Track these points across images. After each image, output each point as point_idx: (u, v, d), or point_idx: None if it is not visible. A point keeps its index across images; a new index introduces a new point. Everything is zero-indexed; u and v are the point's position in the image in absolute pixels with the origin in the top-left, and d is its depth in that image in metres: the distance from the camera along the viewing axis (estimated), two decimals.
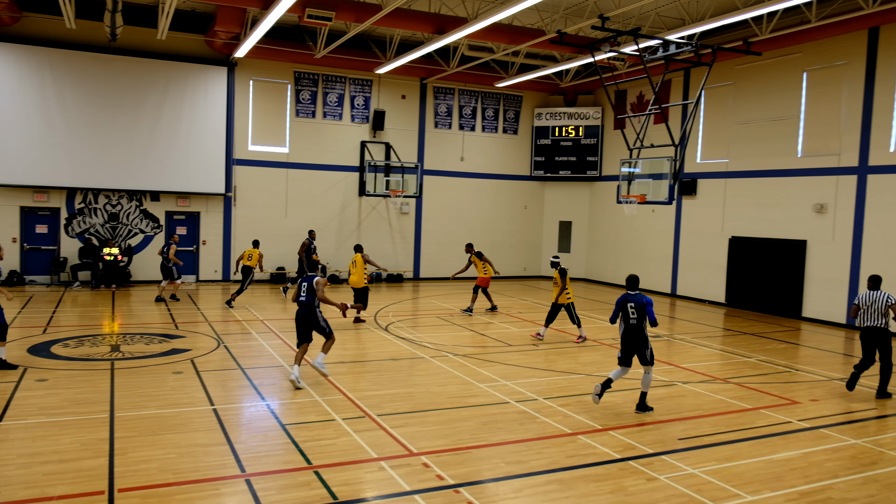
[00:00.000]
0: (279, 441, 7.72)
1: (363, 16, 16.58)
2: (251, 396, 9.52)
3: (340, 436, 7.95)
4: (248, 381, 10.30)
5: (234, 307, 17.24)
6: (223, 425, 8.16)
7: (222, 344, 12.83)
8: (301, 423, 8.33)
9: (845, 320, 17.08)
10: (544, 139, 26.36)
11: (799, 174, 18.31)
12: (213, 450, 7.37)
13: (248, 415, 8.75)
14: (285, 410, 8.91)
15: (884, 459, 7.75)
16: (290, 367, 10.81)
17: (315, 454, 7.32)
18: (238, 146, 22.02)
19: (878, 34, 16.43)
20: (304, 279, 10.32)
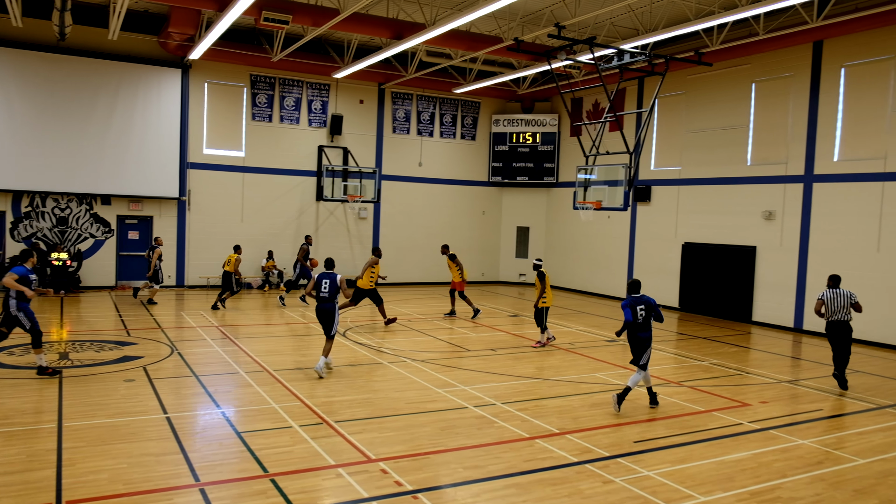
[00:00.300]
0: (234, 449, 7.60)
1: (320, 20, 16.49)
2: (206, 404, 9.35)
3: (297, 443, 7.87)
4: (202, 388, 10.12)
5: (224, 308, 17.75)
6: (176, 434, 8.00)
7: (176, 351, 12.58)
8: (257, 431, 8.22)
9: (793, 324, 17.57)
10: (502, 145, 26.56)
11: (748, 182, 18.80)
12: (165, 459, 7.22)
13: (202, 423, 8.59)
14: (241, 418, 8.78)
15: (829, 459, 7.98)
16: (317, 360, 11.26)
17: (271, 462, 7.23)
18: (193, 150, 21.65)
19: (822, 48, 16.99)
20: (326, 276, 11.24)
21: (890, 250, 15.50)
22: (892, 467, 7.77)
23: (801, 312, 17.33)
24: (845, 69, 16.55)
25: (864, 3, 15.40)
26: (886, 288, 15.47)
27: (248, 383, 10.50)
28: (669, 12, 17.21)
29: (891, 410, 10.27)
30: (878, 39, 15.78)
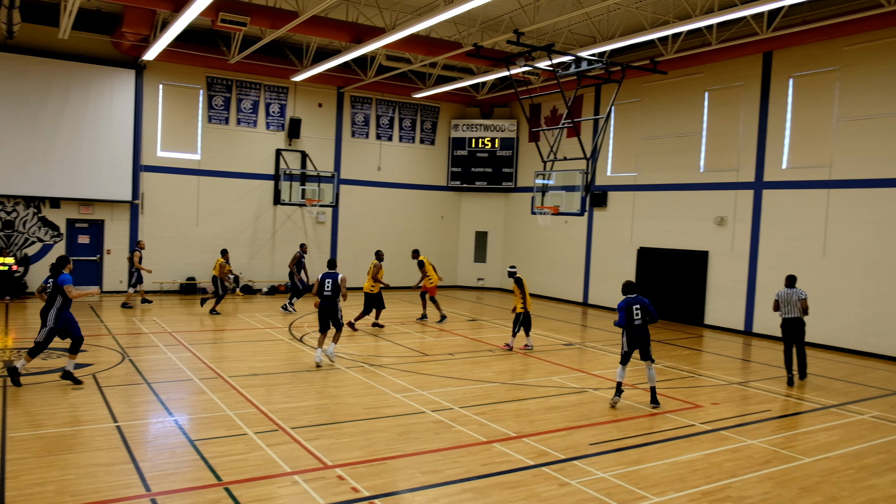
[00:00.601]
0: (187, 458, 7.47)
1: (279, 22, 16.34)
2: (158, 412, 9.17)
3: (252, 450, 7.76)
4: (154, 395, 9.92)
5: (220, 313, 17.85)
6: (127, 443, 7.83)
7: (127, 357, 12.30)
8: (211, 439, 8.09)
9: (743, 327, 17.99)
10: (461, 150, 26.66)
11: (701, 188, 19.21)
12: (115, 469, 7.05)
13: (153, 431, 8.42)
14: (194, 425, 8.63)
15: (777, 458, 8.19)
16: (314, 350, 12.30)
17: (225, 470, 7.12)
18: (146, 152, 21.23)
19: (772, 58, 17.48)
20: (328, 276, 12.28)
21: (835, 255, 15.99)
22: (835, 465, 8.01)
23: (752, 316, 17.76)
24: (793, 80, 17.05)
25: (811, 16, 15.90)
26: (831, 292, 15.95)
27: (202, 390, 10.33)
28: (626, 21, 17.51)
29: (835, 410, 10.59)
30: (824, 52, 16.30)
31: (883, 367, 14.20)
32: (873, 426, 9.79)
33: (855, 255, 15.64)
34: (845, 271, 15.80)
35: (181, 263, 21.54)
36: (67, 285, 10.02)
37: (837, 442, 8.94)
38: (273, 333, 15.41)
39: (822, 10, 15.80)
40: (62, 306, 10.08)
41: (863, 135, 15.62)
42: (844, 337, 15.81)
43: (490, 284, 27.18)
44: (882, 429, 9.67)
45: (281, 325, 16.47)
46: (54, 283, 10.07)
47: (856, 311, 15.61)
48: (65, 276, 10.14)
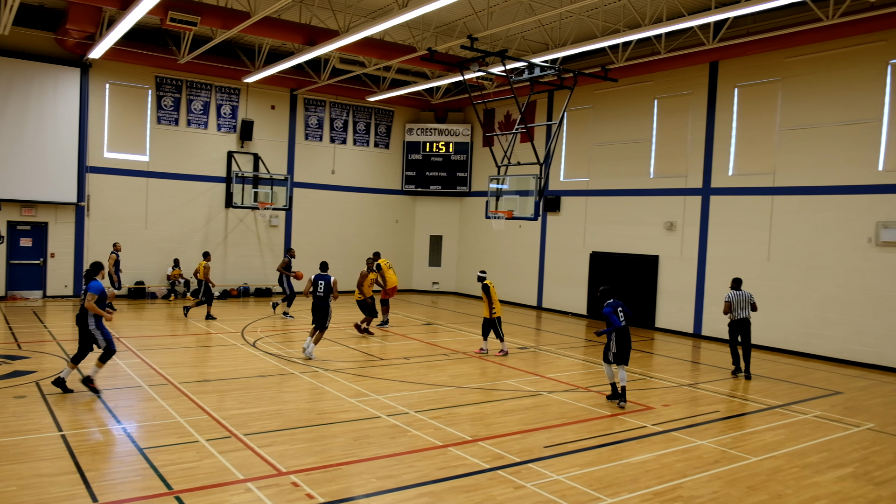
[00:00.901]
0: (136, 466, 7.28)
1: (230, 22, 16.10)
2: (105, 420, 8.92)
3: (204, 458, 7.62)
4: (101, 403, 9.65)
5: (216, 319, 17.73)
6: (72, 452, 7.60)
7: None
8: (161, 447, 7.91)
9: (692, 330, 18.40)
10: (415, 154, 26.67)
11: (651, 194, 19.61)
12: (60, 479, 6.84)
13: (101, 440, 8.19)
14: (143, 433, 8.43)
15: (725, 458, 8.40)
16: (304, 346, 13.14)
17: (176, 478, 6.97)
18: (93, 153, 20.67)
19: (718, 68, 17.96)
20: (321, 278, 13.42)
21: (779, 260, 16.50)
22: (780, 464, 8.26)
23: (700, 319, 18.18)
24: (738, 89, 17.55)
25: (755, 28, 16.41)
26: (776, 296, 16.44)
27: (152, 397, 10.09)
28: (578, 28, 17.79)
29: (780, 410, 10.92)
30: (767, 63, 16.82)
31: (824, 368, 14.70)
32: (816, 425, 10.12)
33: (797, 260, 16.16)
34: (788, 275, 16.31)
35: (129, 267, 21.01)
36: (90, 293, 9.88)
37: (782, 441, 9.21)
38: (225, 338, 15.15)
39: (765, 23, 16.32)
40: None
41: (803, 143, 16.16)
42: (788, 339, 16.31)
43: (445, 288, 27.23)
44: (824, 428, 10.00)
45: (233, 330, 16.20)
46: (85, 291, 9.98)
47: (798, 314, 16.12)
48: (94, 283, 9.98)
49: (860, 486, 7.67)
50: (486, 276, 14.83)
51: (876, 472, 8.15)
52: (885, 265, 14.63)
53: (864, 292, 14.96)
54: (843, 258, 15.32)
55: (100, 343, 10.06)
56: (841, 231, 15.38)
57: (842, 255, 15.34)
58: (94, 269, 10.25)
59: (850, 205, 15.24)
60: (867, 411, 11.08)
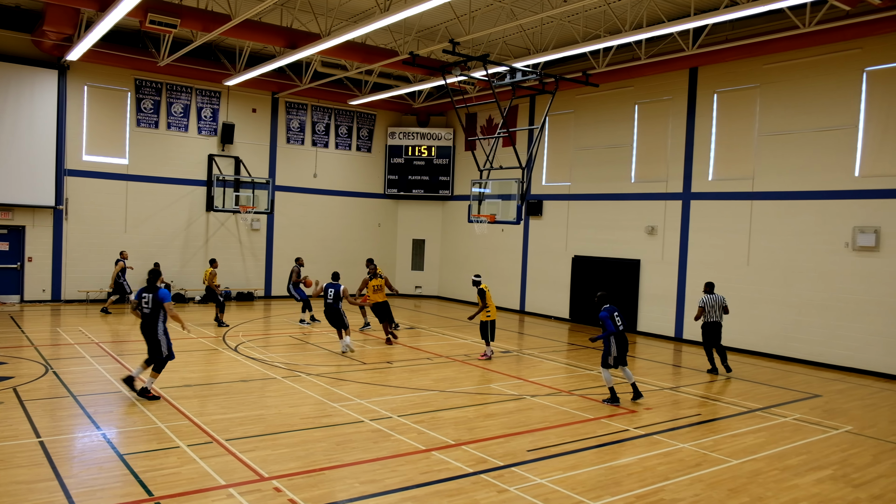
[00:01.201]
0: (116, 472, 7.20)
1: (211, 25, 15.98)
2: (84, 426, 8.81)
3: (185, 463, 7.55)
4: (80, 409, 9.53)
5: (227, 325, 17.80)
6: (51, 459, 7.49)
7: (51, 370, 11.79)
8: (141, 452, 7.82)
9: (674, 333, 18.53)
10: (398, 158, 26.65)
11: (632, 198, 19.74)
12: (38, 486, 6.74)
13: (80, 446, 8.08)
14: (124, 439, 8.33)
15: (707, 461, 8.47)
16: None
17: (157, 484, 6.90)
18: (71, 156, 20.43)
19: (698, 74, 18.14)
20: (331, 286, 14.48)
21: (758, 264, 16.67)
22: (761, 467, 8.34)
23: (682, 322, 18.32)
24: (717, 95, 17.73)
25: (733, 35, 16.61)
26: (755, 299, 16.62)
27: (132, 402, 9.98)
28: (559, 34, 17.89)
29: (760, 413, 11.03)
30: (746, 69, 17.02)
31: (803, 372, 14.87)
32: (795, 428, 10.23)
33: (776, 264, 16.34)
34: (768, 279, 16.49)
35: (109, 271, 20.76)
36: (168, 302, 10.09)
37: (762, 444, 9.30)
38: (207, 343, 15.03)
39: (744, 30, 16.51)
40: (165, 320, 10.16)
41: (781, 149, 16.36)
42: (768, 342, 16.47)
43: (428, 292, 27.22)
44: (803, 430, 10.11)
45: (215, 335, 16.08)
46: (154, 298, 10.06)
47: (778, 317, 16.30)
48: (164, 291, 10.16)
49: (839, 488, 7.76)
50: (481, 280, 14.92)
51: (854, 474, 8.25)
52: (861, 269, 14.84)
53: (841, 296, 15.16)
54: (820, 262, 15.52)
55: (163, 350, 10.17)
56: (819, 236, 15.58)
57: (820, 259, 15.54)
58: (156, 276, 10.34)
59: (828, 210, 15.45)
60: (845, 414, 11.22)
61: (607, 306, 11.13)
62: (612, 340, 11.01)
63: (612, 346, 11.02)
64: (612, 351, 11.02)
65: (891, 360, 14.34)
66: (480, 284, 14.70)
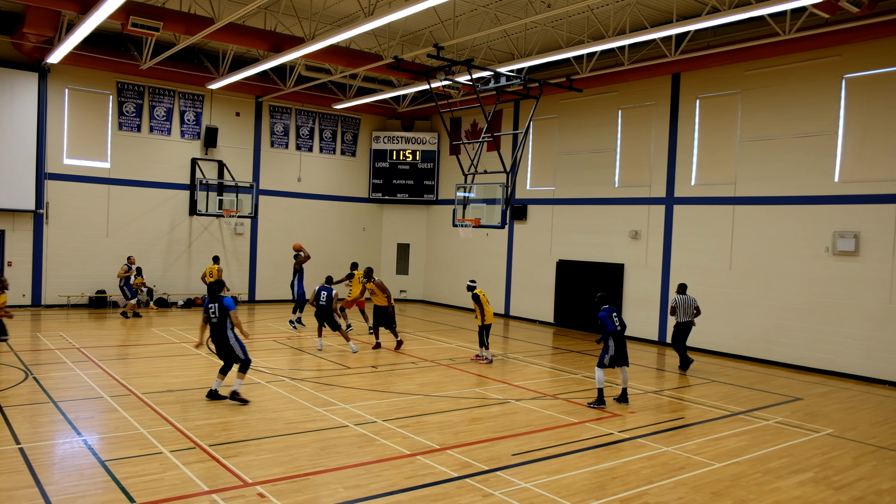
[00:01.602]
0: (97, 479, 7.12)
1: (194, 28, 15.90)
2: (65, 432, 8.71)
3: (167, 469, 7.48)
4: (61, 415, 9.43)
5: None
6: (31, 466, 7.40)
7: (31, 375, 11.64)
8: (123, 459, 7.74)
9: (657, 337, 18.64)
10: (382, 162, 26.63)
11: (616, 203, 19.85)
12: (17, 494, 6.65)
13: (60, 452, 7.99)
14: (105, 445, 8.24)
15: (690, 464, 8.52)
16: None
17: (139, 491, 6.83)
18: (51, 159, 20.23)
19: (680, 80, 18.30)
20: (324, 289, 14.91)
21: (740, 268, 16.82)
22: (743, 470, 8.40)
23: (665, 326, 18.43)
24: (700, 101, 17.89)
25: (715, 41, 16.77)
26: (738, 303, 16.77)
27: (114, 408, 9.88)
28: (543, 39, 17.98)
29: (743, 416, 11.11)
30: (727, 75, 17.19)
31: (785, 375, 15.00)
32: (777, 431, 10.32)
33: (758, 269, 16.50)
34: (750, 283, 16.63)
35: (90, 276, 20.61)
36: (233, 311, 10.37)
37: (745, 447, 9.37)
38: (189, 348, 14.92)
39: (725, 37, 16.69)
40: (232, 327, 10.42)
41: (763, 155, 16.53)
42: (750, 346, 16.61)
43: (413, 296, 27.19)
44: (785, 433, 10.20)
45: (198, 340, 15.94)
46: (220, 307, 10.31)
47: (760, 321, 16.44)
48: (228, 300, 10.42)
49: (820, 490, 7.84)
50: (475, 286, 14.97)
51: (835, 476, 8.34)
52: (841, 274, 15.01)
53: (822, 300, 15.33)
54: (801, 267, 15.68)
55: (238, 355, 10.43)
56: (799, 240, 15.75)
57: (801, 263, 15.70)
58: (220, 286, 10.66)
59: (808, 215, 15.62)
60: (826, 417, 11.34)
61: (606, 307, 11.38)
62: (611, 340, 11.20)
63: (609, 346, 11.21)
64: (609, 350, 11.22)
65: (870, 364, 14.51)
66: (475, 290, 14.75)
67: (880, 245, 14.45)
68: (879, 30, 13.78)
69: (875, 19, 13.53)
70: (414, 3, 12.67)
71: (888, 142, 14.46)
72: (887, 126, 14.48)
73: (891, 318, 14.23)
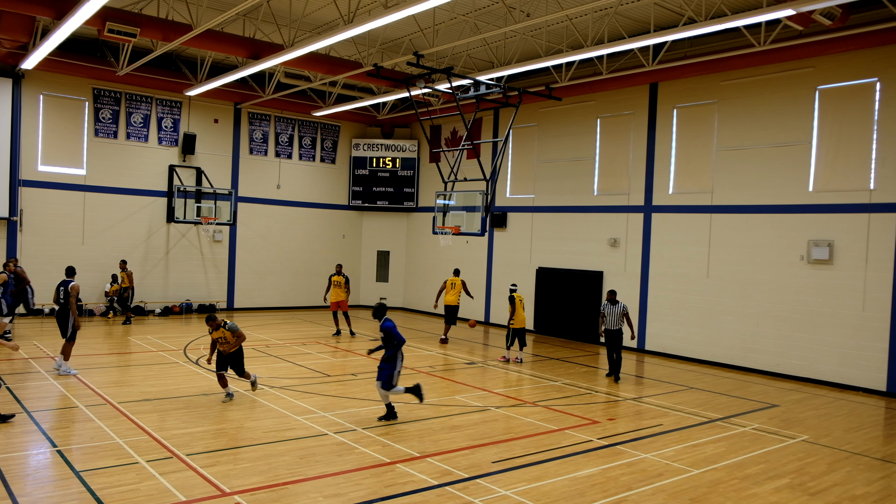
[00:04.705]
0: (72, 490, 7.02)
1: (171, 34, 15.77)
2: (38, 442, 8.57)
3: (144, 479, 7.39)
4: (34, 425, 9.27)
5: None
6: (3, 477, 7.27)
7: (4, 385, 11.42)
8: (98, 469, 7.64)
9: (636, 345, 18.74)
10: (362, 169, 26.59)
11: (595, 210, 19.98)
12: None
13: (34, 463, 7.87)
14: (80, 456, 8.12)
15: (669, 471, 8.58)
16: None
17: (114, 501, 6.75)
18: (26, 166, 19.95)
19: (658, 89, 18.50)
20: (62, 284, 12.99)
21: (717, 276, 16.99)
22: (721, 476, 8.47)
23: (644, 334, 18.54)
24: (677, 110, 18.09)
25: (692, 52, 16.99)
26: (715, 311, 16.93)
27: (89, 418, 9.75)
28: (522, 48, 18.09)
29: (720, 423, 11.21)
30: (704, 85, 17.41)
31: (762, 382, 15.16)
32: (754, 438, 10.42)
33: (734, 276, 16.68)
34: (727, 291, 16.80)
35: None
36: None
37: (722, 454, 9.46)
38: (167, 356, 14.76)
39: (702, 47, 16.91)
40: None
41: (739, 164, 16.74)
42: (727, 353, 16.76)
43: (393, 304, 27.11)
44: (762, 440, 10.31)
45: (175, 348, 15.79)
46: None
47: (736, 328, 16.61)
48: None
49: (796, 496, 7.92)
50: (516, 289, 16.41)
51: (811, 482, 8.44)
52: (816, 282, 15.22)
53: (797, 308, 15.52)
54: (777, 275, 15.88)
55: None
56: (775, 249, 15.95)
57: (776, 271, 15.90)
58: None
59: (783, 223, 15.84)
60: (802, 423, 11.48)
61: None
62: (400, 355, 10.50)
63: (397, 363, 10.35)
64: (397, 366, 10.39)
65: (844, 371, 14.72)
66: (514, 293, 16.11)
67: (853, 254, 14.69)
68: (851, 42, 14.04)
69: (847, 31, 13.78)
70: (394, 11, 12.70)
71: (860, 152, 14.72)
72: (859, 136, 14.74)
73: (864, 325, 14.45)
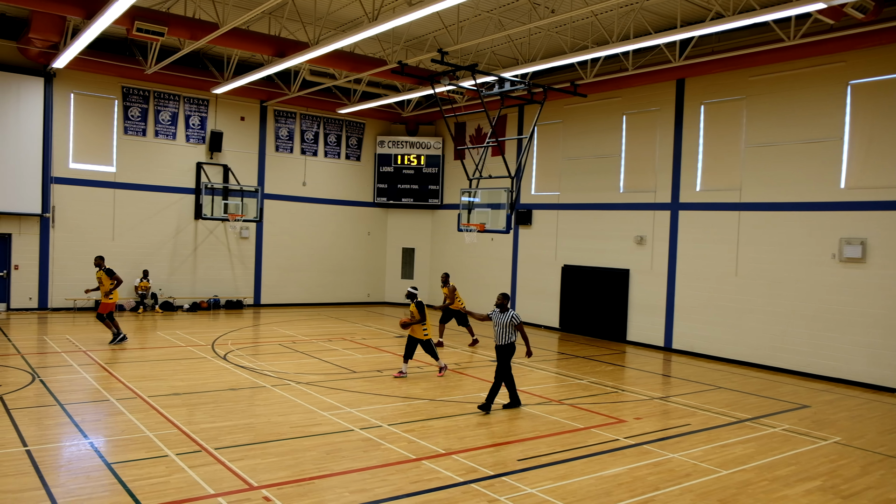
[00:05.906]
0: (104, 482, 7.13)
1: (198, 33, 15.93)
2: (72, 434, 8.72)
3: (174, 472, 7.48)
4: (68, 417, 9.44)
5: None
6: (38, 468, 7.41)
7: (38, 378, 11.67)
8: (129, 461, 7.75)
9: (663, 343, 18.60)
10: (387, 167, 26.66)
11: (621, 208, 19.84)
12: (25, 496, 6.66)
13: (67, 455, 8.00)
14: (111, 448, 8.25)
15: (697, 471, 8.49)
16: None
17: (145, 494, 6.84)
18: (57, 163, 20.30)
19: (685, 85, 18.29)
20: None
21: (746, 275, 16.77)
22: (750, 477, 8.36)
23: (671, 332, 18.38)
24: (704, 106, 17.88)
25: (719, 47, 16.77)
26: (744, 309, 16.72)
27: (120, 411, 9.90)
28: (546, 44, 18.00)
29: (749, 424, 11.07)
30: (732, 81, 17.18)
31: (791, 382, 14.95)
32: (784, 439, 10.28)
33: (763, 275, 16.45)
34: (755, 290, 16.58)
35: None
36: None
37: (752, 454, 9.33)
38: (195, 351, 14.93)
39: (730, 42, 16.68)
40: None
41: (768, 161, 16.50)
42: (756, 353, 16.55)
43: None
44: (792, 441, 10.16)
45: (203, 343, 15.97)
46: None
47: (765, 328, 16.39)
48: None
49: (828, 499, 7.80)
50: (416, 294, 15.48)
51: (843, 485, 8.29)
52: (847, 281, 14.96)
53: (828, 307, 15.27)
54: (808, 273, 15.63)
55: None
56: (805, 247, 15.70)
57: (807, 270, 15.65)
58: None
59: (814, 221, 15.58)
60: (834, 425, 11.29)
61: None
62: None
63: None
64: None
65: (876, 371, 14.46)
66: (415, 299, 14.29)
67: (887, 252, 14.40)
68: (885, 36, 13.77)
69: (880, 25, 13.51)
70: (418, 8, 12.70)
71: (894, 148, 14.43)
72: (893, 132, 14.44)
73: None
